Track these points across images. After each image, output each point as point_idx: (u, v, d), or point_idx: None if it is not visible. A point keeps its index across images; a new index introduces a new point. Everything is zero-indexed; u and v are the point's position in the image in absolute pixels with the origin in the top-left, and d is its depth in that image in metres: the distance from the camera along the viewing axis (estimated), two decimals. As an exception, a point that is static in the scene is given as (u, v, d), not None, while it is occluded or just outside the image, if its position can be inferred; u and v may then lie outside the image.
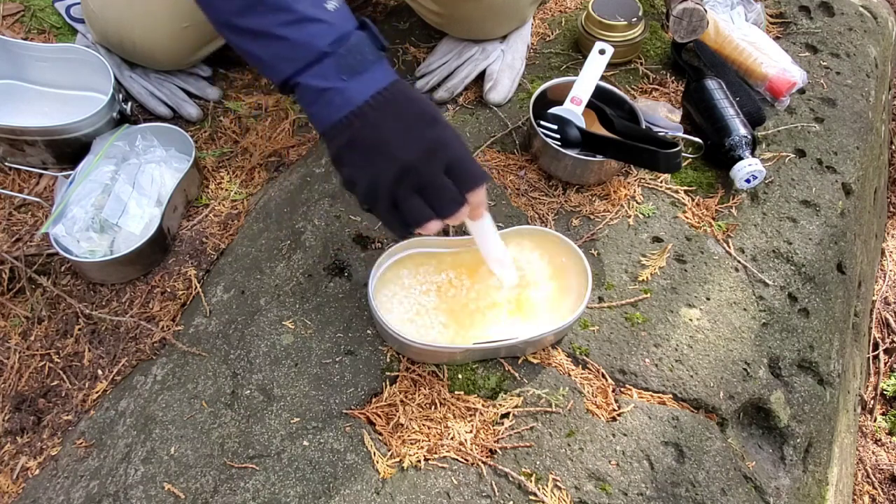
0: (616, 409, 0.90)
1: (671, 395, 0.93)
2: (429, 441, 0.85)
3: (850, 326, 1.18)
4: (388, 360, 0.92)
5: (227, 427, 0.87)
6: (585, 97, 1.11)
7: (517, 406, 0.89)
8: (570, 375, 0.92)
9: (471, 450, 0.85)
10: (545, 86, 1.15)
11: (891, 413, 1.51)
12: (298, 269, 1.00)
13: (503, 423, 0.87)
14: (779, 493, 0.91)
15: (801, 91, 1.30)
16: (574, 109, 1.11)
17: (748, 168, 1.09)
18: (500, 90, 1.23)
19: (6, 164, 1.16)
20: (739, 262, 1.07)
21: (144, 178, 1.10)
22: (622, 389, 0.93)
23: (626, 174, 1.15)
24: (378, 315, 0.88)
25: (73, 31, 1.36)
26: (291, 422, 0.87)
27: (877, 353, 1.58)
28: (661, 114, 1.20)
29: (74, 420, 0.95)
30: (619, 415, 0.89)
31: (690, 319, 0.99)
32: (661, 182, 1.14)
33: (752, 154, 1.13)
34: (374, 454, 0.84)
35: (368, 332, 0.94)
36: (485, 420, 0.88)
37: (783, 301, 1.04)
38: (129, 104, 1.20)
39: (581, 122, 1.11)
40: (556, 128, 1.11)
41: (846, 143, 1.25)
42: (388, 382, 0.90)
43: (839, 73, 1.35)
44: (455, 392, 0.90)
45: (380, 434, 0.86)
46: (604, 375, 0.93)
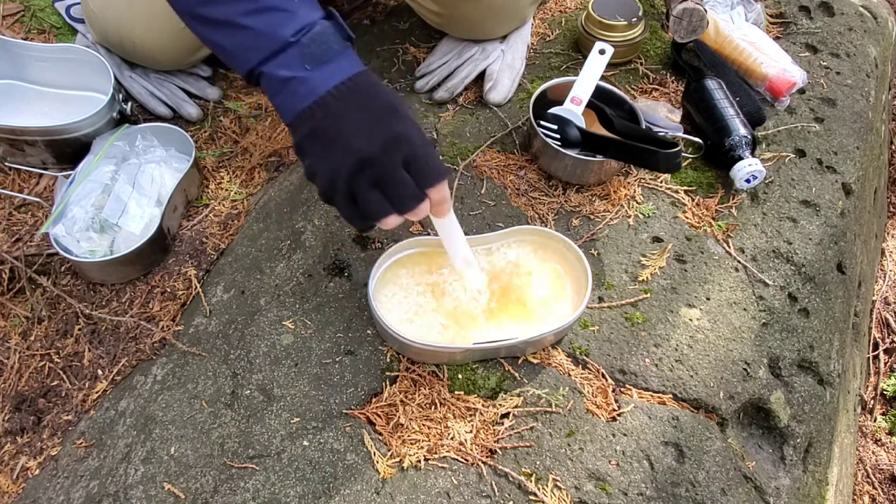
0: (616, 409, 0.90)
1: (671, 395, 0.93)
2: (429, 441, 0.85)
3: (850, 326, 1.18)
4: (388, 360, 0.92)
5: (227, 427, 0.87)
6: (585, 97, 1.11)
7: (517, 406, 0.89)
8: (570, 375, 0.92)
9: (471, 450, 0.85)
10: (545, 86, 1.15)
11: (891, 413, 1.51)
12: (298, 269, 1.00)
13: (503, 423, 0.87)
14: (779, 493, 0.91)
15: (801, 91, 1.30)
16: (574, 109, 1.11)
17: (748, 168, 1.09)
18: (500, 90, 1.23)
19: (6, 164, 1.16)
20: (739, 262, 1.07)
21: (144, 178, 1.10)
22: (622, 389, 0.92)
23: (626, 174, 1.15)
24: (378, 315, 0.88)
25: (73, 31, 1.36)
26: (291, 422, 0.87)
27: (877, 353, 1.58)
28: (661, 114, 1.20)
29: (74, 420, 0.95)
30: (619, 415, 0.89)
31: (690, 319, 0.99)
32: (661, 182, 1.14)
33: (752, 154, 1.13)
34: (374, 454, 0.84)
35: (368, 332, 0.94)
36: (485, 420, 0.88)
37: (783, 301, 1.04)
38: (129, 104, 1.20)
39: (581, 122, 1.11)
40: (556, 128, 1.11)
41: (846, 143, 1.25)
42: (388, 382, 0.90)
43: (839, 73, 1.35)
44: (455, 392, 0.90)
45: (380, 434, 0.86)
46: (604, 375, 0.93)
